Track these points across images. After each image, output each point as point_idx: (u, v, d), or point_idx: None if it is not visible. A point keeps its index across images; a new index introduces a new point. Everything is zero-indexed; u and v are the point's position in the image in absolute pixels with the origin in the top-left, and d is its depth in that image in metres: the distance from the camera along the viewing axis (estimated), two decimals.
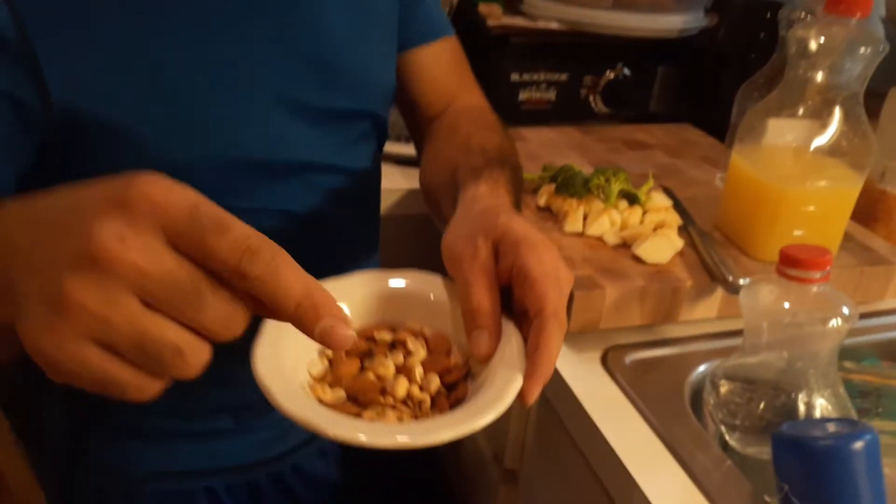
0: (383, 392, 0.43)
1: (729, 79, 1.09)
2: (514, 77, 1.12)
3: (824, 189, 0.69)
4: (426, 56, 0.74)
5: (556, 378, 0.64)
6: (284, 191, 0.62)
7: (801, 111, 0.70)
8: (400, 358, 0.46)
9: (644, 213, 0.75)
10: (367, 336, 0.48)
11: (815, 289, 0.55)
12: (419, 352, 0.46)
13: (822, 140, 0.68)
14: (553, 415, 0.66)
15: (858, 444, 0.49)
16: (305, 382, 0.44)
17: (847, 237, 0.76)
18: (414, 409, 0.43)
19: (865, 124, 0.68)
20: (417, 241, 1.11)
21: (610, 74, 1.15)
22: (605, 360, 0.66)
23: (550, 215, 0.78)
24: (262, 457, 0.70)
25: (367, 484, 0.80)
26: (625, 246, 0.72)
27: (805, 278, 0.54)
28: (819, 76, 0.68)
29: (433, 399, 0.44)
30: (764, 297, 0.58)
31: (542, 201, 0.79)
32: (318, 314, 0.34)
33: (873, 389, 0.63)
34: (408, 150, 1.05)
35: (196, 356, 0.32)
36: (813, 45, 0.67)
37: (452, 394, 0.44)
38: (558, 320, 0.42)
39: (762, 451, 0.59)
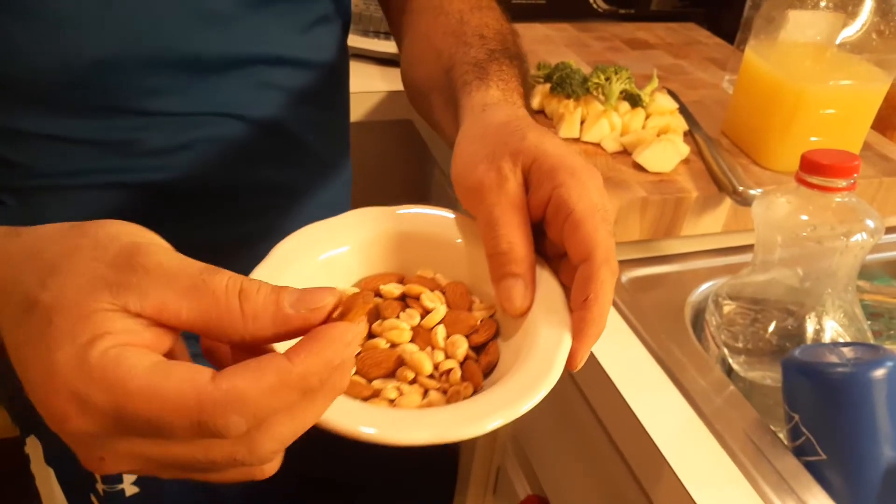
0: (400, 363, 0.36)
1: None
2: None
3: (847, 89, 0.62)
4: None
5: None
6: (227, 90, 0.53)
7: (822, 3, 0.62)
8: (416, 317, 0.38)
9: (647, 116, 0.69)
10: (372, 290, 0.40)
11: (838, 199, 0.49)
12: (438, 308, 0.38)
13: (848, 32, 0.61)
14: None
15: (879, 373, 0.44)
16: None
17: (865, 145, 0.69)
18: (441, 381, 0.36)
19: None
20: (400, 152, 1.04)
21: None
22: None
23: (545, 119, 0.71)
24: None
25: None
26: (625, 153, 0.65)
27: (828, 186, 0.49)
28: None
29: (462, 367, 0.36)
30: (780, 209, 0.52)
31: (535, 103, 0.72)
32: None
33: (886, 311, 0.58)
34: (386, 46, 0.96)
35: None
36: None
37: (483, 357, 0.37)
38: (610, 268, 0.35)
39: (767, 377, 0.54)
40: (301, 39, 0.57)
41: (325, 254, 0.39)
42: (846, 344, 0.49)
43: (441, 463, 0.89)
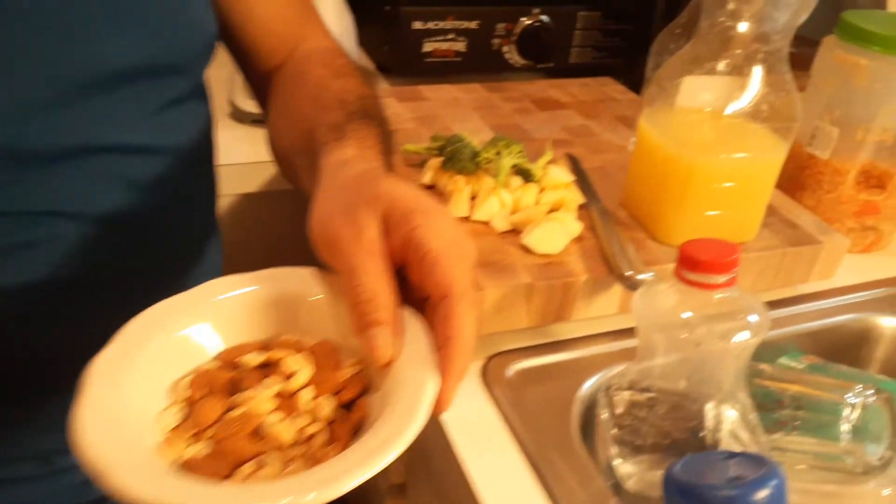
0: (258, 435, 0.35)
1: (657, 25, 0.98)
2: (417, 25, 0.99)
3: (742, 161, 0.59)
4: None
5: None
6: (64, 184, 0.48)
7: (719, 67, 0.59)
8: (277, 384, 0.36)
9: (541, 191, 0.65)
10: (230, 363, 0.38)
11: (718, 295, 0.45)
12: (302, 371, 0.37)
13: (739, 104, 0.58)
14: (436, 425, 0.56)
15: (762, 495, 0.40)
16: (157, 441, 0.34)
17: (770, 210, 0.66)
18: (306, 447, 0.35)
19: (790, 84, 0.58)
20: (275, 223, 0.99)
21: (525, 21, 1.03)
22: (485, 372, 0.56)
23: (436, 195, 0.67)
24: (78, 501, 0.59)
25: None
26: (516, 232, 0.62)
27: (707, 283, 0.45)
28: (738, 27, 0.57)
29: (330, 428, 0.36)
30: (660, 304, 0.48)
31: (427, 178, 0.68)
32: None
33: (790, 399, 0.54)
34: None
35: None
36: None
37: (352, 415, 0.36)
38: (469, 302, 0.35)
39: (657, 485, 0.50)
40: (148, 125, 0.52)
41: (181, 330, 0.38)
42: (733, 455, 0.45)
43: None
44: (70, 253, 0.51)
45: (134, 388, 0.34)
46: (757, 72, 0.57)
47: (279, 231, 0.94)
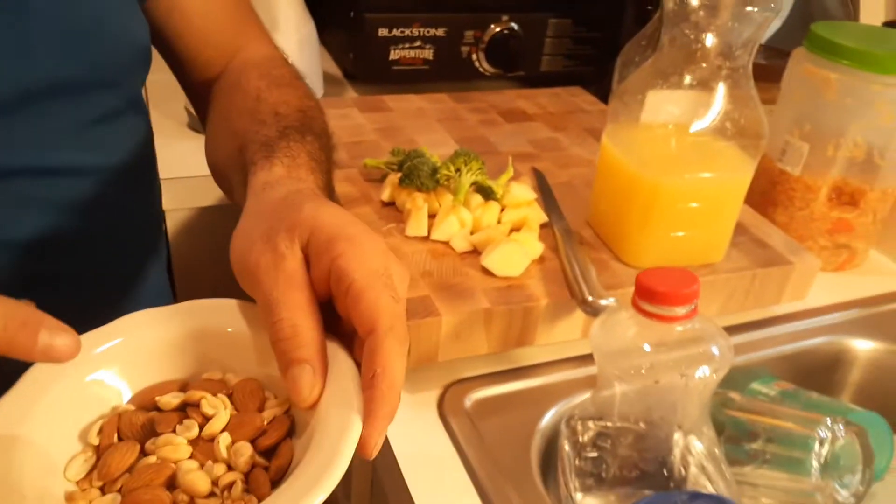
0: (171, 486, 0.33)
1: (627, 33, 0.96)
2: (383, 32, 0.97)
3: (707, 181, 0.57)
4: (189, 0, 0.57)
5: None
6: None
7: (685, 81, 0.57)
8: (194, 428, 0.34)
9: (502, 209, 0.62)
10: (146, 406, 0.36)
11: (679, 328, 0.43)
12: (220, 414, 0.35)
13: (704, 121, 0.56)
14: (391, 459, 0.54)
15: None
16: (63, 493, 0.32)
17: (740, 229, 0.64)
18: (224, 497, 0.33)
19: (756, 100, 0.56)
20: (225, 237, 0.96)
21: (495, 28, 1.00)
22: (441, 403, 0.53)
23: (395, 212, 0.65)
24: None
25: None
26: (476, 252, 0.59)
27: (666, 316, 0.42)
28: (702, 40, 0.55)
29: (247, 477, 0.33)
30: (620, 333, 0.46)
31: (385, 195, 0.65)
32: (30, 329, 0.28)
33: (762, 430, 0.52)
34: None
35: None
36: (693, 0, 0.54)
37: (274, 462, 0.34)
38: (396, 336, 0.33)
39: None
40: (73, 143, 0.49)
41: (91, 373, 0.35)
42: (696, 496, 0.42)
43: None
44: (1, 279, 0.48)
45: (37, 438, 0.32)
46: (721, 88, 0.55)
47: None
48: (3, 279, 0.48)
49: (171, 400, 0.36)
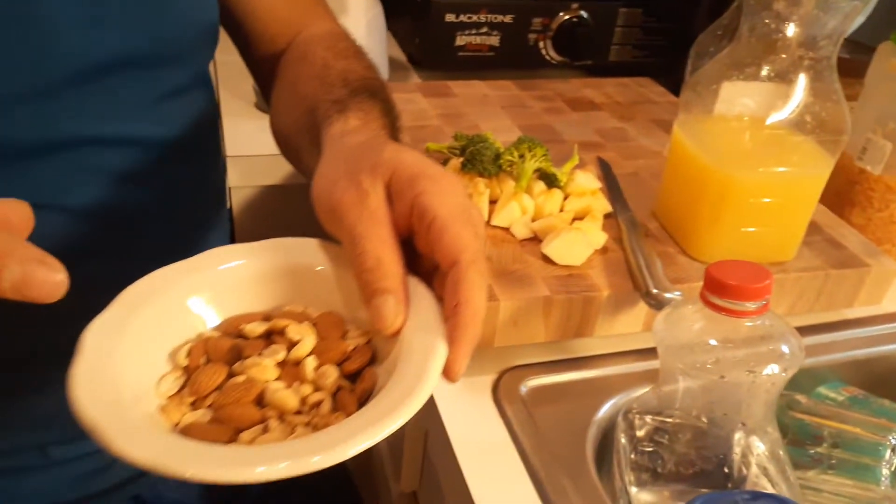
0: (260, 403, 0.34)
1: (701, 25, 0.93)
2: (450, 17, 0.97)
3: (782, 176, 0.55)
4: None
5: (431, 406, 0.52)
6: (47, 177, 0.47)
7: (761, 73, 0.55)
8: (281, 352, 0.36)
9: (566, 197, 0.62)
10: (232, 332, 0.37)
11: (748, 323, 0.42)
12: (305, 339, 0.36)
13: (782, 113, 0.54)
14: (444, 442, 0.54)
15: None
16: (155, 407, 0.33)
17: (814, 228, 0.62)
18: (312, 415, 0.34)
19: (839, 94, 0.53)
20: (294, 217, 0.97)
21: (563, 16, 0.99)
22: (496, 388, 0.53)
23: None
24: (81, 494, 0.58)
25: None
26: (537, 240, 0.58)
27: (736, 310, 0.41)
28: (783, 30, 0.53)
29: (335, 397, 0.35)
30: (685, 327, 0.44)
31: None
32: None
33: (828, 435, 0.50)
34: None
35: None
36: None
37: (358, 385, 0.35)
38: (478, 270, 0.34)
39: None
40: (142, 116, 0.50)
41: (181, 298, 0.37)
42: (757, 496, 0.41)
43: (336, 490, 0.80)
44: (58, 247, 0.50)
45: (131, 352, 0.33)
46: (802, 79, 0.53)
47: (299, 226, 0.92)
48: (62, 246, 0.49)
49: (257, 328, 0.37)
